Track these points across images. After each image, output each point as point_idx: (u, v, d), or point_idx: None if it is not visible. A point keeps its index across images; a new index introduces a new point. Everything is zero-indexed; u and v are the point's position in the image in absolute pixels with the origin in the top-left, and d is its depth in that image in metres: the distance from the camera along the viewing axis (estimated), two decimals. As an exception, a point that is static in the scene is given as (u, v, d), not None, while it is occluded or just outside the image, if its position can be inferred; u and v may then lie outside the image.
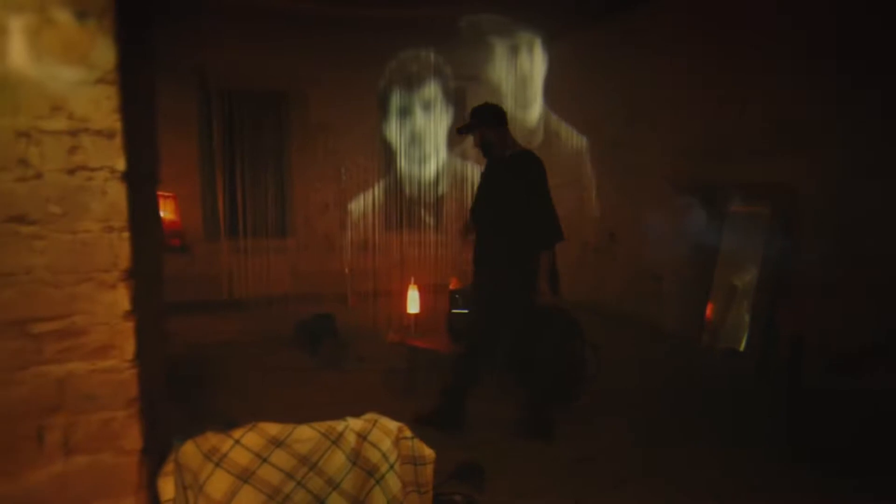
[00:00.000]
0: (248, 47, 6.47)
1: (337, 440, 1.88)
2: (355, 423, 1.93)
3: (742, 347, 4.47)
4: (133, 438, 1.53)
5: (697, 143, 5.08)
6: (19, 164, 1.39)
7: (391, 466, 1.94)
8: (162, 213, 6.02)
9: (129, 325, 1.50)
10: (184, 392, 3.64)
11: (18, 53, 1.37)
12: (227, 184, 6.94)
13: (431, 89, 7.27)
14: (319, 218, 7.23)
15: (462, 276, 4.94)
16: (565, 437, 3.35)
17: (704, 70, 4.97)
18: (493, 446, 3.23)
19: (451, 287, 4.65)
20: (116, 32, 1.42)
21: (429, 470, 2.05)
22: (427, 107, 7.33)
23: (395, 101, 7.28)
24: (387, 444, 1.94)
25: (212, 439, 1.75)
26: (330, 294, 6.43)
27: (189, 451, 1.71)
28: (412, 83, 7.23)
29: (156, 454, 1.67)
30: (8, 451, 1.43)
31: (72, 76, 1.40)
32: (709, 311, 4.82)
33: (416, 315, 4.75)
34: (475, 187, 3.76)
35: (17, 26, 1.36)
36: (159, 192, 6.39)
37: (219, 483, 1.70)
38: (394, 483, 1.92)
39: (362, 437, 1.92)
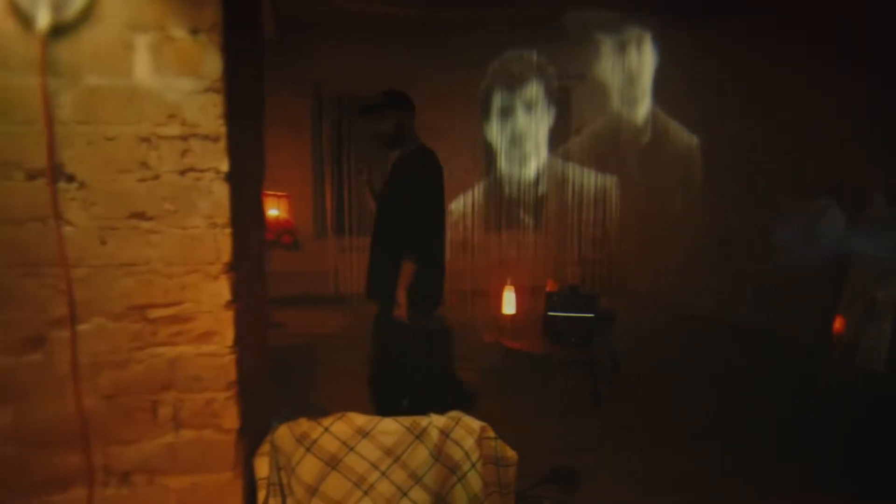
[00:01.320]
0: (357, 53, 6.77)
1: (420, 435, 1.92)
2: (438, 420, 1.96)
3: (881, 367, 3.99)
4: (231, 418, 1.66)
5: (827, 139, 4.61)
6: (140, 166, 1.56)
7: (473, 465, 1.94)
8: (276, 212, 6.46)
9: (230, 314, 1.63)
10: (285, 378, 3.87)
11: (143, 68, 1.54)
12: (336, 185, 7.31)
13: (533, 89, 7.20)
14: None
15: (559, 278, 4.85)
16: (668, 452, 3.18)
17: (833, 59, 4.50)
18: (590, 454, 3.14)
19: (548, 289, 4.59)
20: (223, 45, 1.56)
21: (511, 472, 2.04)
22: (529, 107, 7.27)
23: (497, 101, 7.29)
24: (469, 443, 1.95)
25: (304, 425, 1.86)
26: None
27: (283, 434, 1.83)
28: (514, 83, 7.21)
29: (254, 434, 1.80)
30: (128, 421, 1.61)
31: (185, 86, 1.54)
32: (838, 324, 4.35)
33: (512, 316, 4.73)
34: (575, 188, 3.61)
35: (143, 44, 1.53)
36: (274, 192, 6.79)
37: (309, 467, 1.80)
38: (475, 482, 1.93)
39: (445, 434, 1.94)
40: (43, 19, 1.47)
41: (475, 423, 1.99)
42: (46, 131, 1.51)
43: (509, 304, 4.70)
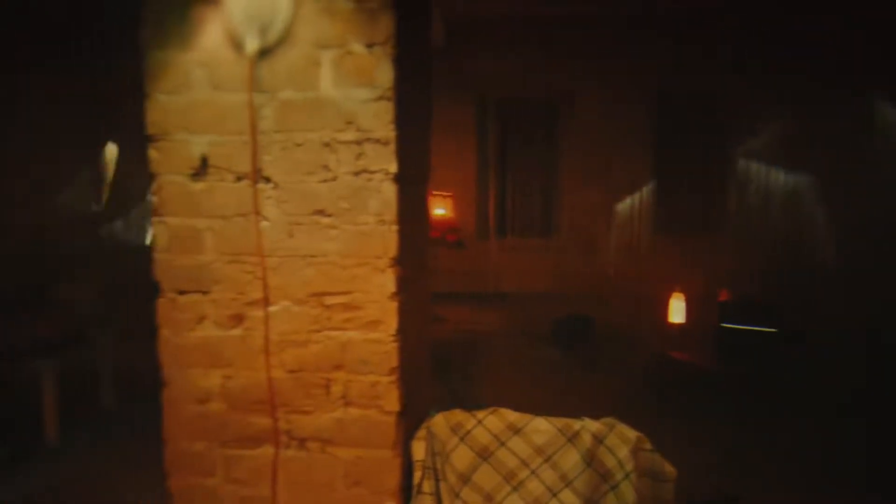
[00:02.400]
0: (521, 56, 6.83)
1: (572, 438, 1.90)
2: (592, 425, 1.92)
3: None
4: (392, 401, 1.79)
5: None
6: (322, 168, 1.75)
7: (627, 476, 1.87)
8: (442, 211, 6.76)
9: (394, 305, 1.76)
10: (445, 369, 4.05)
11: (326, 81, 1.72)
12: (498, 186, 7.45)
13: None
14: (585, 220, 7.25)
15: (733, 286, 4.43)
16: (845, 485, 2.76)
17: None
18: (756, 479, 2.84)
19: (720, 298, 4.22)
20: (395, 56, 1.69)
21: (669, 488, 1.93)
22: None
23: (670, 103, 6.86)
24: (623, 452, 1.88)
25: (458, 415, 1.94)
26: (590, 295, 6.40)
27: (439, 422, 1.92)
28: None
29: (412, 418, 1.92)
30: (306, 394, 1.82)
31: (360, 95, 1.70)
32: None
33: (680, 325, 4.44)
34: (760, 188, 3.28)
35: (327, 60, 1.72)
36: (439, 193, 7.10)
37: (462, 456, 1.87)
38: (629, 494, 1.86)
39: (598, 439, 1.90)
40: (252, 44, 1.72)
41: (630, 433, 1.91)
42: (251, 140, 1.77)
43: (677, 312, 4.42)
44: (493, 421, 1.91)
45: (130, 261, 6.54)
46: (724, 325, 4.05)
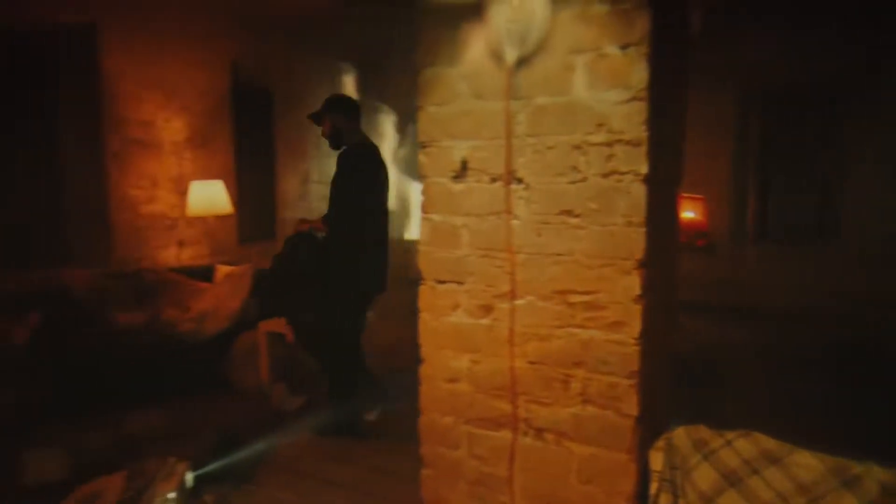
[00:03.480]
0: (787, 41, 5.96)
1: (850, 482, 1.65)
2: (881, 473, 1.63)
3: None
4: (631, 405, 1.77)
5: None
6: (571, 170, 1.80)
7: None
8: (691, 214, 6.29)
9: (638, 308, 1.73)
10: (683, 382, 3.77)
11: (579, 85, 1.77)
12: (760, 185, 6.63)
13: None
14: (879, 225, 6.03)
15: None
16: None
17: None
18: None
19: None
20: (649, 55, 1.65)
21: None
22: None
23: None
24: (923, 512, 1.57)
25: (702, 432, 1.82)
26: (877, 316, 5.32)
27: (681, 435, 1.83)
28: None
29: (650, 424, 1.87)
30: (546, 386, 1.90)
31: (612, 97, 1.71)
32: None
33: None
34: None
35: (580, 64, 1.76)
36: (689, 194, 6.61)
37: (706, 475, 1.76)
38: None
39: (889, 492, 1.61)
40: (511, 55, 1.85)
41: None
42: (506, 144, 1.91)
43: None
44: (745, 445, 1.75)
45: (392, 251, 7.49)
46: None
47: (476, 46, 1.94)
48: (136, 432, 3.20)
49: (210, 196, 5.08)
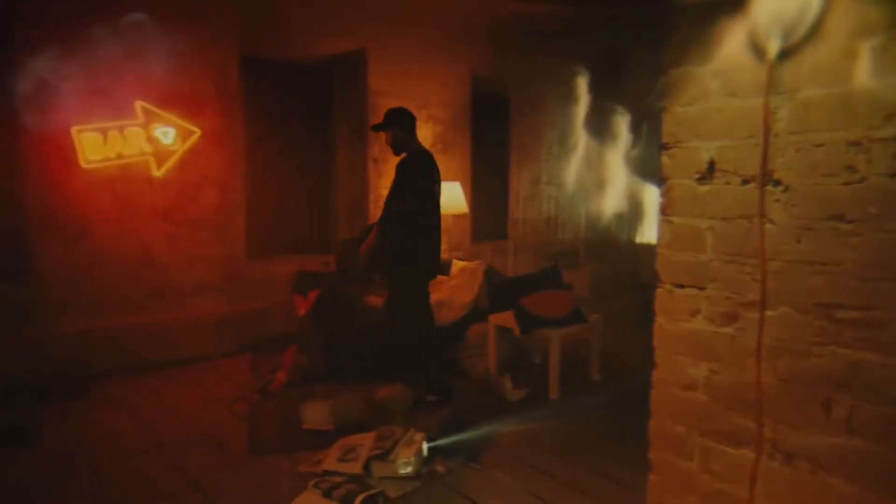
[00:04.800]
0: None
1: None
2: None
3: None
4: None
5: None
6: (846, 169, 1.60)
7: None
8: None
9: (930, 331, 1.48)
10: None
11: (861, 73, 1.57)
12: None
13: None
14: None
15: None
16: None
17: None
18: None
19: None
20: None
21: None
22: None
23: None
24: None
25: None
26: None
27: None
28: None
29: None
30: (798, 407, 1.73)
31: (907, 85, 1.48)
32: None
33: None
34: None
35: (864, 49, 1.56)
36: None
37: None
38: None
39: None
40: (774, 46, 1.72)
41: None
42: (763, 143, 1.78)
43: None
44: None
45: (620, 254, 7.33)
46: None
47: (731, 42, 1.84)
48: (384, 401, 3.69)
49: (449, 197, 5.57)
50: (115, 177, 4.45)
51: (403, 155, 3.89)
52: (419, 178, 3.83)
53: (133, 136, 4.46)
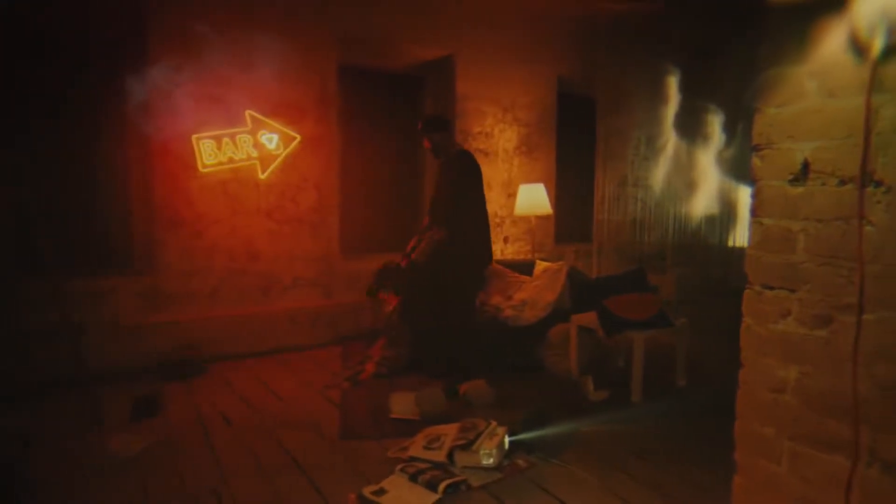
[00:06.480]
0: None
1: None
2: None
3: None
4: None
5: None
6: (953, 170, 1.55)
7: None
8: None
9: None
10: None
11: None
12: None
13: None
14: None
15: None
16: None
17: None
18: None
19: None
20: None
21: None
22: None
23: None
24: None
25: None
26: None
27: None
28: None
29: None
30: (898, 416, 1.68)
31: None
32: None
33: None
34: None
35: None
36: None
37: None
38: None
39: None
40: (878, 45, 1.69)
41: None
42: (864, 143, 1.74)
43: None
44: None
45: (711, 258, 7.07)
46: None
47: (831, 41, 1.81)
48: (466, 395, 3.82)
49: (533, 198, 5.63)
50: (226, 180, 4.89)
51: (449, 154, 4.41)
52: (474, 174, 4.31)
53: (242, 143, 4.88)
